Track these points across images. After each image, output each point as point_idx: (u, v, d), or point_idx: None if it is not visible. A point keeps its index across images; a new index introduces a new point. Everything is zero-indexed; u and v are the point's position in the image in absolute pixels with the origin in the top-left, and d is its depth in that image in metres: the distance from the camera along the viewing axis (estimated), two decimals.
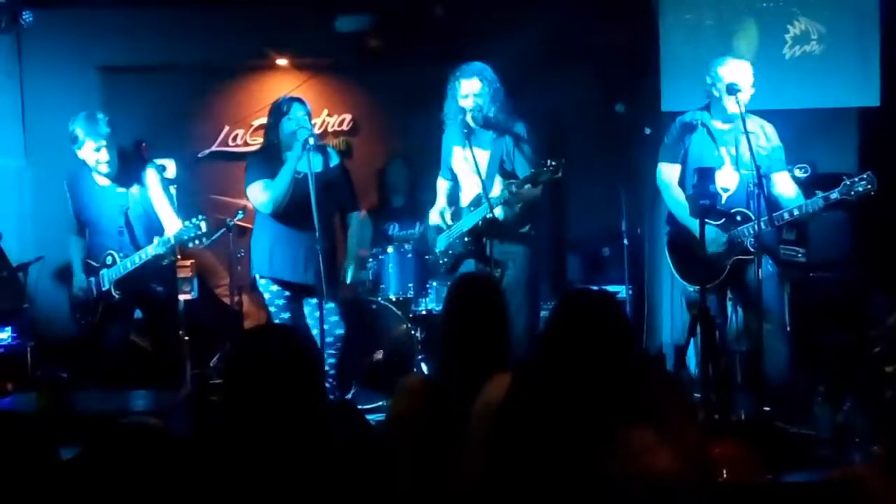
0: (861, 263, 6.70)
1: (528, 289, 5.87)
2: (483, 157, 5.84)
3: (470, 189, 5.96)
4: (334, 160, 6.10)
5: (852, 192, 5.37)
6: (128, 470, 2.52)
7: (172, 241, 5.82)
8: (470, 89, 5.84)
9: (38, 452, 2.67)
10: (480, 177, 5.69)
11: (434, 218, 6.17)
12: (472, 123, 5.85)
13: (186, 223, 5.80)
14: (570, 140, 7.27)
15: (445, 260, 6.09)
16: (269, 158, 5.97)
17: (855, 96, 7.23)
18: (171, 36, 7.82)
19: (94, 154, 5.92)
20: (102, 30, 7.80)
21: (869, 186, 5.35)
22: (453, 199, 6.14)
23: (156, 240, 5.87)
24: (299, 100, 6.06)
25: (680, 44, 7.24)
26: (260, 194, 5.94)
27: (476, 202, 5.86)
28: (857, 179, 5.37)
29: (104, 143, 5.90)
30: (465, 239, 5.93)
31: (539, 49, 7.22)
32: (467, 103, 5.84)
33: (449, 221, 6.08)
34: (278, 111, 5.99)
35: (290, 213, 5.86)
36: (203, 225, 5.76)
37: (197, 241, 5.85)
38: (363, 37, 7.85)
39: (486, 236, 5.77)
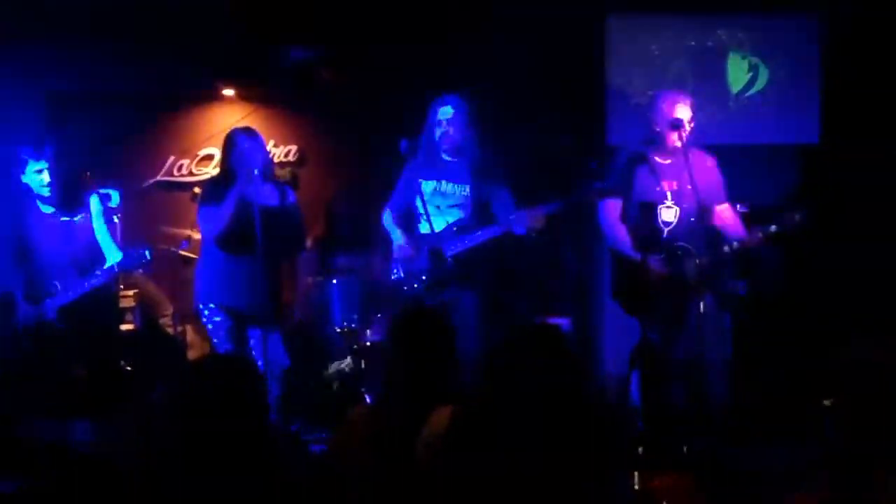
0: (799, 296, 6.80)
1: (480, 321, 5.86)
2: (461, 190, 5.90)
3: (440, 222, 5.95)
4: (290, 199, 6.08)
5: (790, 226, 5.46)
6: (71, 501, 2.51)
7: (116, 270, 5.80)
8: (445, 117, 5.90)
9: None
10: (460, 209, 5.78)
11: (401, 251, 6.05)
12: (448, 156, 5.91)
13: (129, 251, 5.79)
14: (516, 171, 7.32)
15: (415, 285, 5.97)
16: (219, 187, 5.96)
17: (794, 133, 7.37)
18: (118, 64, 7.79)
19: (37, 176, 5.91)
20: (48, 56, 7.75)
21: (806, 219, 5.44)
22: (408, 230, 6.12)
23: (98, 269, 5.85)
24: (247, 130, 6.07)
25: (625, 79, 7.36)
26: (205, 220, 5.93)
27: (460, 227, 5.87)
28: (794, 213, 5.46)
29: (46, 165, 5.90)
30: (447, 260, 5.87)
31: (484, 81, 7.28)
32: (443, 133, 5.90)
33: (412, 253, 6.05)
34: (227, 142, 6.00)
35: (237, 241, 5.83)
36: (147, 253, 5.75)
37: (140, 270, 5.83)
38: (310, 68, 7.87)
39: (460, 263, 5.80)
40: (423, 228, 5.97)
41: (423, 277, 5.90)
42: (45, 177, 5.93)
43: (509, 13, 7.28)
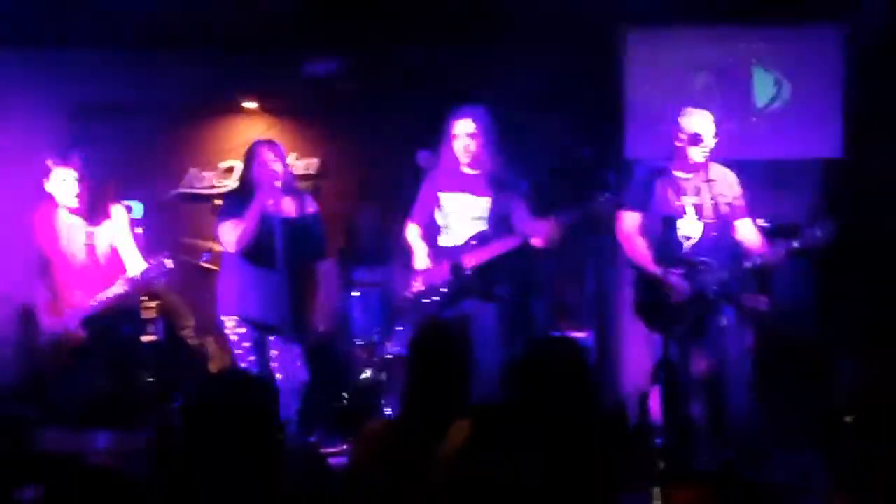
0: (822, 312, 6.77)
1: (500, 334, 5.85)
2: (481, 202, 5.90)
3: (461, 234, 5.95)
4: (310, 209, 6.10)
5: (813, 241, 5.44)
6: None
7: (138, 279, 5.83)
8: (463, 129, 5.90)
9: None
10: (480, 222, 5.81)
11: (422, 264, 6.05)
12: (467, 168, 5.92)
13: (151, 261, 5.81)
14: (535, 184, 7.33)
15: (435, 298, 5.96)
16: (240, 199, 5.97)
17: (819, 147, 7.34)
18: (141, 76, 7.84)
19: (63, 185, 5.94)
20: (72, 69, 7.80)
21: (829, 235, 5.42)
22: (429, 243, 6.12)
23: (121, 278, 5.88)
24: (269, 142, 6.08)
25: (645, 93, 7.35)
26: (227, 233, 5.93)
27: (479, 239, 5.86)
28: (817, 229, 5.44)
29: (74, 174, 5.93)
30: (467, 273, 5.87)
31: (507, 96, 7.28)
32: (461, 144, 5.90)
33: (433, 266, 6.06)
34: (249, 154, 6.02)
35: (259, 253, 5.85)
36: (168, 262, 5.77)
37: (162, 280, 5.85)
38: (332, 81, 7.89)
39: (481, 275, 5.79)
40: (444, 241, 5.98)
41: (443, 290, 5.90)
42: (72, 186, 5.96)
43: (529, 25, 7.29)
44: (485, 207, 5.92)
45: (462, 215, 5.92)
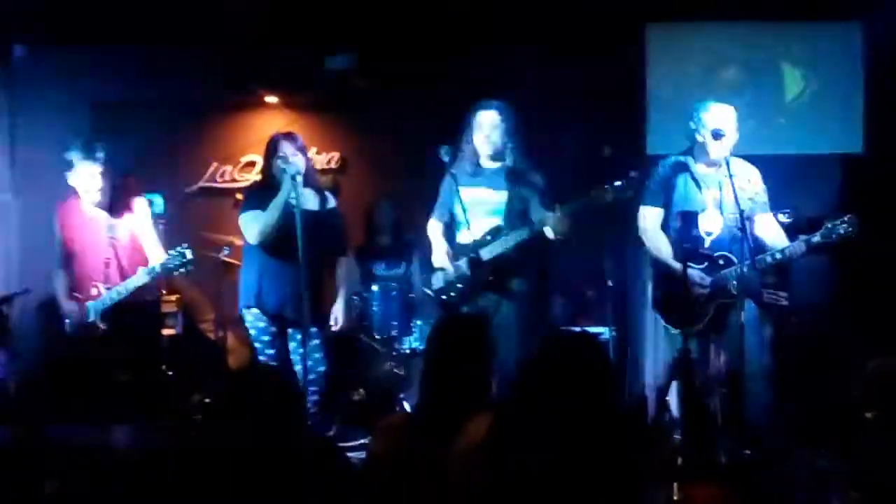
0: (842, 307, 6.74)
1: (519, 328, 5.84)
2: (499, 196, 5.88)
3: (479, 229, 5.94)
4: (331, 203, 6.13)
5: (834, 236, 5.43)
6: None
7: (158, 270, 5.85)
8: (488, 120, 5.89)
9: (17, 484, 2.68)
10: (498, 216, 5.78)
11: (441, 261, 6.04)
12: (487, 162, 5.91)
13: (171, 252, 5.84)
14: (557, 181, 7.33)
15: (453, 294, 5.95)
16: (263, 191, 6.01)
17: (838, 143, 7.32)
18: (161, 73, 7.87)
19: (88, 179, 5.96)
20: (93, 66, 7.85)
21: (850, 229, 5.41)
22: (449, 239, 6.11)
23: (140, 270, 5.89)
24: (289, 135, 6.11)
25: (667, 89, 7.33)
26: (249, 224, 5.97)
27: (492, 233, 5.84)
28: (838, 223, 5.43)
29: (99, 168, 5.95)
30: (485, 268, 5.83)
31: (527, 91, 7.28)
32: (484, 137, 5.89)
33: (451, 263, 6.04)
34: (269, 147, 6.05)
35: (279, 246, 5.88)
36: (188, 253, 5.79)
37: (182, 270, 5.86)
38: (352, 75, 7.91)
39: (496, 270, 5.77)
40: (464, 236, 5.97)
41: (461, 285, 5.89)
42: (96, 179, 5.98)
43: (550, 21, 7.28)
44: (503, 202, 5.91)
45: (481, 210, 5.91)
